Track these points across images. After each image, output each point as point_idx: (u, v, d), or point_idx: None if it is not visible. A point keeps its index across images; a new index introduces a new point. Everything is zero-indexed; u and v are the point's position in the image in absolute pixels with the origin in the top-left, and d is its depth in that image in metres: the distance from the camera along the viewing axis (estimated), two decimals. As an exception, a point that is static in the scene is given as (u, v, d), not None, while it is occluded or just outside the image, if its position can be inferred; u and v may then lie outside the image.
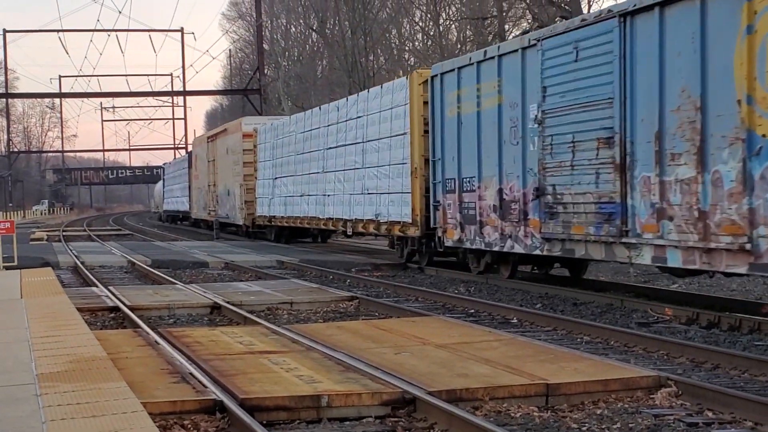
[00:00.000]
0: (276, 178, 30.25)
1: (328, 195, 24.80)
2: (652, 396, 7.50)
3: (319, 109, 26.78)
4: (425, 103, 18.99)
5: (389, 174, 20.44)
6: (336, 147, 24.24)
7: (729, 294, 14.84)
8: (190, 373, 7.92)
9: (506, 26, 41.46)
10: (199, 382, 7.59)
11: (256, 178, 32.78)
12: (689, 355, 9.42)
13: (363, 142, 22.16)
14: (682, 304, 13.02)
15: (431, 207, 18.67)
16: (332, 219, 24.72)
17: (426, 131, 18.92)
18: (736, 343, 10.26)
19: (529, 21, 38.68)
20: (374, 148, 21.38)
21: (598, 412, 7.17)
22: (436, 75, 18.22)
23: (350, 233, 23.58)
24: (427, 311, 13.05)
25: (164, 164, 69.42)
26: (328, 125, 25.01)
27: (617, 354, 9.70)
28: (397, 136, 20.07)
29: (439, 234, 18.27)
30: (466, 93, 17.13)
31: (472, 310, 13.44)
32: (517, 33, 40.76)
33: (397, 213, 19.97)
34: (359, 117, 22.51)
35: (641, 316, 12.43)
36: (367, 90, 23.98)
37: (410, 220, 19.36)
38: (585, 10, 33.83)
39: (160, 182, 71.72)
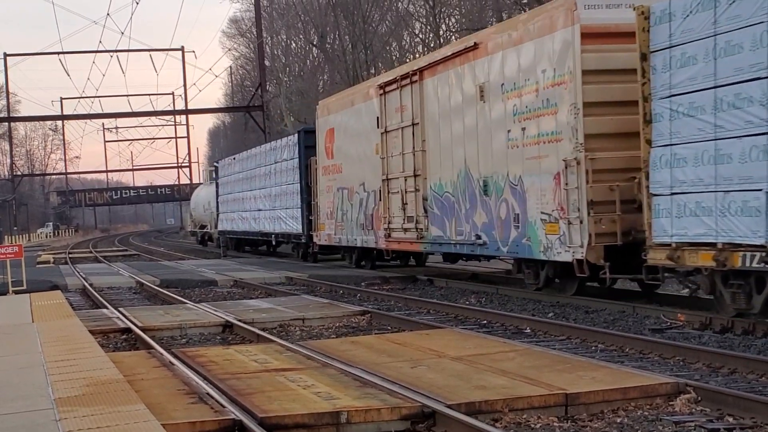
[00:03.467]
0: None
1: None
2: (671, 403, 7.48)
3: None
4: None
5: None
6: None
7: (741, 297, 14.77)
8: (208, 393, 7.91)
9: (506, 36, 41.48)
10: (217, 401, 7.58)
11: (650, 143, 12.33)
12: (705, 360, 9.39)
13: None
14: (694, 309, 12.99)
15: None
16: None
17: None
18: (751, 347, 10.24)
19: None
20: None
21: (618, 420, 7.15)
22: None
23: None
24: (440, 323, 13.03)
25: (218, 163, 44.89)
26: None
27: (633, 361, 9.68)
28: None
29: None
30: None
31: (485, 321, 13.42)
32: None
33: None
34: None
35: (654, 323, 12.41)
36: None
37: None
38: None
39: (203, 190, 50.52)
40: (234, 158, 39.70)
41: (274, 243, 33.10)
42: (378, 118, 21.10)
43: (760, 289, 11.11)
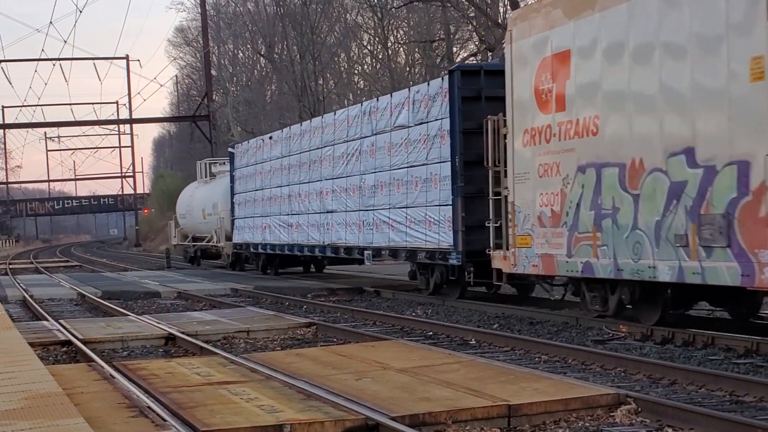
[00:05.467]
0: None
1: None
2: (612, 414, 7.55)
3: None
4: None
5: None
6: None
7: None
8: (149, 407, 7.80)
9: (454, 49, 41.88)
10: (158, 415, 7.47)
11: None
12: (646, 371, 9.51)
13: None
14: (636, 320, 13.15)
15: None
16: None
17: None
18: (691, 358, 10.40)
19: (477, 43, 39.11)
20: None
21: (560, 431, 7.21)
22: None
23: None
24: (386, 335, 13.04)
25: (234, 147, 30.89)
26: None
27: (575, 372, 9.78)
28: None
29: None
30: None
31: (431, 333, 13.46)
32: (465, 55, 41.29)
33: None
34: None
35: (597, 334, 12.55)
36: None
37: None
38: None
39: (201, 189, 36.43)
40: (270, 137, 26.84)
41: (369, 263, 20.70)
42: None
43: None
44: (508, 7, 35.20)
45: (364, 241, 19.97)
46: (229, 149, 31.22)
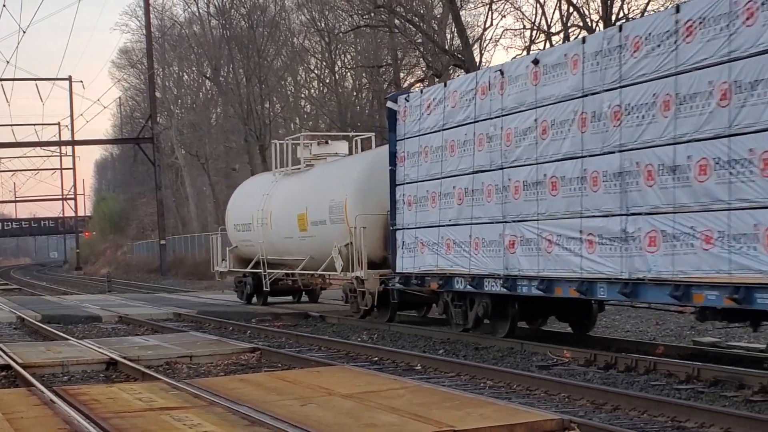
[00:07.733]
0: None
1: None
2: (557, 439, 7.59)
3: None
4: None
5: None
6: None
7: (624, 335, 15.23)
8: (89, 433, 7.66)
9: (401, 74, 42.13)
10: (99, 442, 7.34)
11: None
12: (590, 396, 9.60)
13: None
14: (579, 345, 13.29)
15: None
16: None
17: None
18: (634, 384, 10.52)
19: (424, 69, 39.42)
20: None
21: (506, 457, 7.22)
22: None
23: None
24: (331, 360, 12.98)
25: (398, 98, 16.74)
26: None
27: (520, 398, 9.83)
28: None
29: None
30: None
31: (376, 358, 13.43)
32: (412, 81, 41.55)
33: None
34: None
35: (541, 359, 12.63)
36: None
37: None
38: (477, 59, 34.67)
39: (288, 180, 22.33)
40: (537, 61, 13.17)
41: None
42: None
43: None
44: (455, 34, 35.58)
45: None
46: (388, 104, 17.50)
